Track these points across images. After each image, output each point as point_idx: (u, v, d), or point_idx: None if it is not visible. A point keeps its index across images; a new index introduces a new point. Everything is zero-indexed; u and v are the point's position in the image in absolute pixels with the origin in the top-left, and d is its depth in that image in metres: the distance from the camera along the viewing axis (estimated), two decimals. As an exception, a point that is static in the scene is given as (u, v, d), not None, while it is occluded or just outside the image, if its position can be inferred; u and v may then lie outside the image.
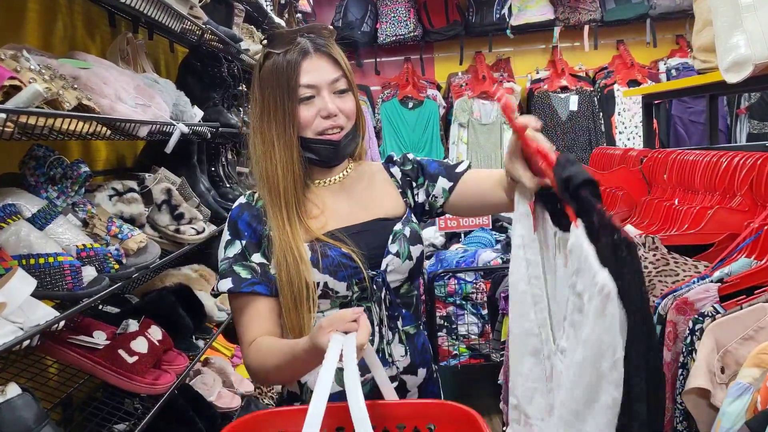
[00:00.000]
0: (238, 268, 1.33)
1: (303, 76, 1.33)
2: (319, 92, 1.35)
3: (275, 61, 1.35)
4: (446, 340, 3.80)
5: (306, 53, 1.34)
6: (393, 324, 1.40)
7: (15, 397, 1.15)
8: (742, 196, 1.46)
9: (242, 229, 1.36)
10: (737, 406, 0.99)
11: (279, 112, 1.34)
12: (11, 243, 1.21)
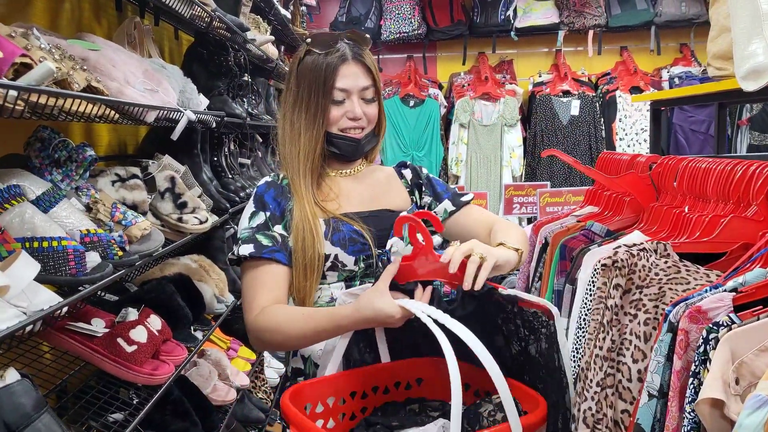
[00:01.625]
0: (260, 236, 1.46)
1: (339, 80, 1.49)
2: (349, 96, 1.51)
3: (315, 60, 1.50)
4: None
5: (344, 59, 1.50)
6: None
7: (14, 383, 1.12)
8: (757, 206, 1.44)
9: (268, 201, 1.50)
10: (755, 419, 0.97)
11: (311, 107, 1.49)
12: (15, 225, 1.18)
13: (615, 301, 1.49)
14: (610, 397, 1.51)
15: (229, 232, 2.56)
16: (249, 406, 2.71)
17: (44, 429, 1.12)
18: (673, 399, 1.27)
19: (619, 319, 1.50)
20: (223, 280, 2.26)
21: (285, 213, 1.50)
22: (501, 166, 5.71)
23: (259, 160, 3.24)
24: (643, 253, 1.50)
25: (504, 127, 5.70)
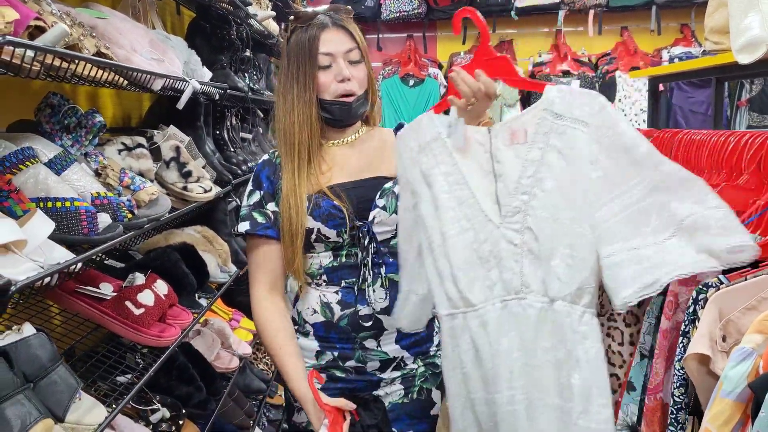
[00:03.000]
0: (256, 213, 1.59)
1: (321, 46, 1.54)
2: (335, 60, 1.55)
3: (298, 34, 1.57)
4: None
5: (324, 26, 1.56)
6: (376, 270, 1.60)
7: (30, 336, 1.17)
8: (749, 175, 1.48)
9: (262, 180, 1.62)
10: (739, 370, 1.02)
11: (300, 77, 1.55)
12: (29, 186, 1.22)
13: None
14: (601, 360, 1.56)
15: (231, 205, 2.60)
16: (250, 376, 2.77)
17: (60, 381, 1.17)
18: (659, 357, 1.33)
19: (612, 286, 1.54)
20: (226, 250, 2.30)
21: (277, 191, 1.60)
22: (500, 145, 5.73)
23: (260, 135, 3.27)
24: (637, 220, 1.54)
25: (503, 107, 5.72)
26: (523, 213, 1.30)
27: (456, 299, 1.34)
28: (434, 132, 1.35)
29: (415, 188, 1.38)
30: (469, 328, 1.34)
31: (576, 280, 1.27)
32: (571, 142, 1.27)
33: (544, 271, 1.29)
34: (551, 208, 1.28)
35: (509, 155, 1.31)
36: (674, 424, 1.25)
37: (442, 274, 1.34)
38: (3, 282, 0.90)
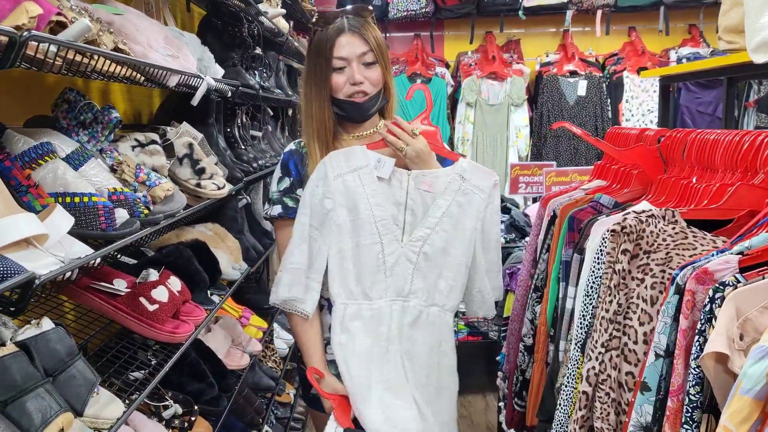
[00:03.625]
0: (287, 199, 1.77)
1: (336, 50, 1.67)
2: (349, 63, 1.67)
3: (318, 36, 1.70)
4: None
5: (341, 31, 1.67)
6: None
7: (49, 330, 1.18)
8: (765, 174, 1.48)
9: (291, 168, 1.78)
10: (758, 368, 1.02)
11: (317, 77, 1.69)
12: (48, 181, 1.22)
13: (622, 266, 1.53)
14: (614, 358, 1.56)
15: (242, 202, 2.61)
16: (259, 373, 2.78)
17: (78, 375, 1.17)
18: (679, 357, 1.32)
19: (626, 284, 1.54)
20: (237, 248, 2.31)
21: (304, 178, 1.76)
22: (507, 146, 5.73)
23: (269, 133, 3.27)
24: (651, 219, 1.54)
25: (511, 107, 5.72)
26: (423, 241, 1.72)
27: (357, 293, 1.69)
28: (365, 162, 1.69)
29: (334, 197, 1.67)
30: (361, 315, 1.69)
31: (453, 297, 1.78)
32: (469, 200, 1.75)
33: (428, 285, 1.74)
34: (445, 243, 1.73)
35: (420, 197, 1.73)
36: (689, 422, 1.25)
37: (347, 273, 1.68)
38: (28, 276, 0.90)
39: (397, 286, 1.71)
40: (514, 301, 2.54)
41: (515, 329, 2.49)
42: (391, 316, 1.70)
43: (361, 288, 1.69)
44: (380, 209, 1.69)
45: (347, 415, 1.69)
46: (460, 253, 1.76)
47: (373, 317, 1.69)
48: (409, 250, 1.71)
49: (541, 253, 2.31)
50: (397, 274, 1.70)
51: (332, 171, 1.69)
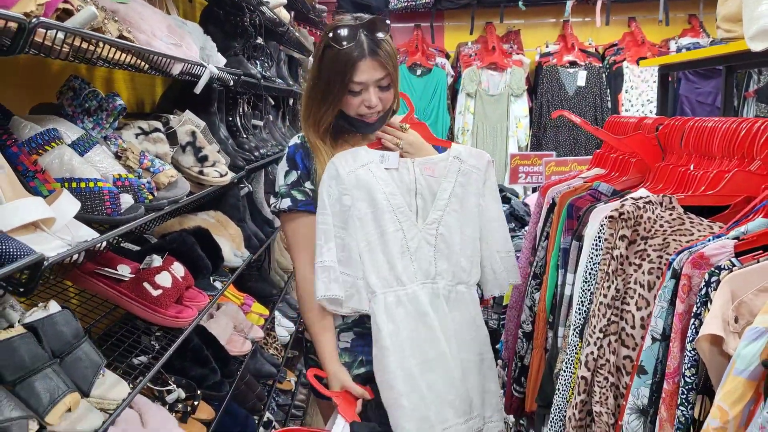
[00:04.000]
0: (295, 192, 1.77)
1: (356, 75, 1.67)
2: (366, 88, 1.69)
3: (336, 53, 1.66)
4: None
5: (362, 56, 1.66)
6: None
7: (56, 313, 1.20)
8: (761, 161, 1.49)
9: (297, 161, 1.79)
10: (752, 349, 1.04)
11: (330, 93, 1.70)
12: (54, 166, 1.24)
13: (620, 252, 1.55)
14: (613, 343, 1.58)
15: (244, 190, 2.62)
16: (261, 360, 2.80)
17: (84, 357, 1.20)
18: (675, 340, 1.34)
19: (624, 269, 1.56)
20: (239, 235, 2.33)
21: (311, 172, 1.78)
22: (507, 136, 5.75)
23: (270, 123, 3.29)
24: (649, 205, 1.56)
25: (510, 97, 5.73)
26: (437, 223, 1.79)
27: (391, 280, 1.73)
28: (371, 158, 1.76)
29: (351, 192, 1.72)
30: (401, 302, 1.73)
31: (474, 273, 1.86)
32: (469, 180, 1.84)
33: (452, 265, 1.80)
34: (457, 223, 1.81)
35: (426, 181, 1.80)
36: (684, 403, 1.27)
37: (379, 262, 1.73)
38: (37, 257, 0.92)
39: (423, 269, 1.77)
40: (512, 289, 2.56)
41: (514, 316, 2.51)
42: (427, 298, 1.76)
43: (394, 275, 1.74)
44: (395, 197, 1.75)
45: (352, 409, 1.72)
46: (471, 230, 1.84)
47: (411, 302, 1.74)
48: (427, 233, 1.78)
49: (540, 241, 2.33)
50: (421, 258, 1.76)
51: (343, 168, 1.73)
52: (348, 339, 1.80)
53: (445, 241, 1.80)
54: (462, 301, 1.84)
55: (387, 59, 1.70)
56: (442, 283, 1.80)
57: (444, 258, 1.80)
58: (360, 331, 1.80)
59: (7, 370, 1.04)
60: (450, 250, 1.81)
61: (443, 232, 1.80)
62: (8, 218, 0.99)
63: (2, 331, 1.10)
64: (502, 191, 4.74)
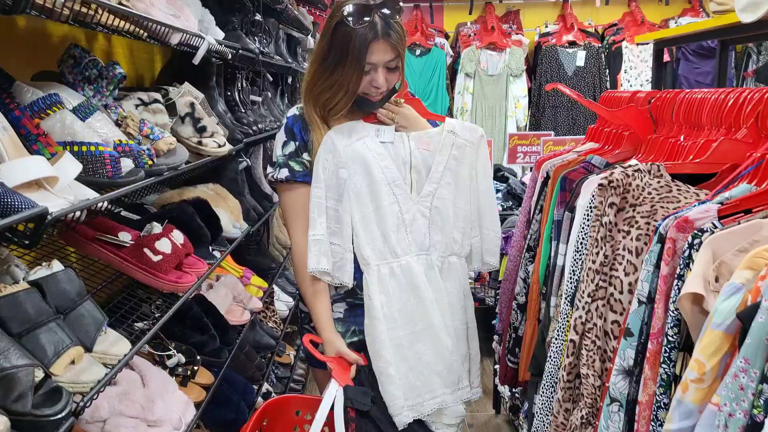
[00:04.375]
0: (293, 162, 1.80)
1: (368, 56, 1.68)
2: (375, 69, 1.71)
3: (349, 31, 1.67)
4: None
5: (375, 37, 1.66)
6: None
7: (59, 271, 1.24)
8: (747, 129, 1.52)
9: (296, 133, 1.81)
10: (729, 304, 1.08)
11: (338, 71, 1.71)
12: (56, 130, 1.27)
13: (609, 219, 1.59)
14: (601, 308, 1.62)
15: (242, 165, 2.66)
16: (260, 333, 2.85)
17: (87, 314, 1.24)
18: (659, 302, 1.38)
19: (612, 236, 1.60)
20: (237, 207, 2.36)
21: (308, 144, 1.80)
22: (506, 116, 5.76)
23: (269, 99, 3.31)
24: (637, 173, 1.60)
25: (509, 78, 5.74)
26: (431, 196, 1.83)
27: (385, 252, 1.78)
28: (367, 132, 1.80)
29: (348, 166, 1.75)
30: (395, 273, 1.78)
31: (466, 244, 1.91)
32: (463, 153, 1.88)
33: (446, 237, 1.85)
34: (451, 195, 1.85)
35: (421, 155, 1.84)
36: (667, 361, 1.31)
37: (373, 235, 1.77)
38: (40, 209, 0.96)
39: (417, 241, 1.81)
40: (507, 262, 2.60)
41: (508, 289, 2.56)
42: (420, 270, 1.80)
43: (388, 247, 1.78)
44: (390, 171, 1.78)
45: (346, 373, 1.77)
46: (464, 202, 1.89)
47: (404, 273, 1.79)
48: (422, 206, 1.82)
49: (534, 214, 2.37)
50: (416, 230, 1.81)
51: (340, 142, 1.77)
52: (341, 309, 1.84)
53: (439, 214, 1.85)
54: (454, 272, 1.90)
55: (398, 41, 1.71)
56: (435, 254, 1.85)
57: (438, 230, 1.85)
58: (352, 302, 1.84)
59: (13, 323, 1.08)
60: (444, 222, 1.85)
61: (438, 204, 1.84)
62: (12, 176, 1.02)
63: (8, 286, 1.14)
64: (500, 170, 4.77)
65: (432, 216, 1.84)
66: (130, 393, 1.54)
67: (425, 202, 1.83)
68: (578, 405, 1.71)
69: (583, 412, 1.67)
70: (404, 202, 1.80)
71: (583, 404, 1.67)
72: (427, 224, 1.83)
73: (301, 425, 1.93)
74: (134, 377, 1.63)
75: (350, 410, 1.71)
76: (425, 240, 1.83)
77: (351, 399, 1.72)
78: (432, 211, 1.84)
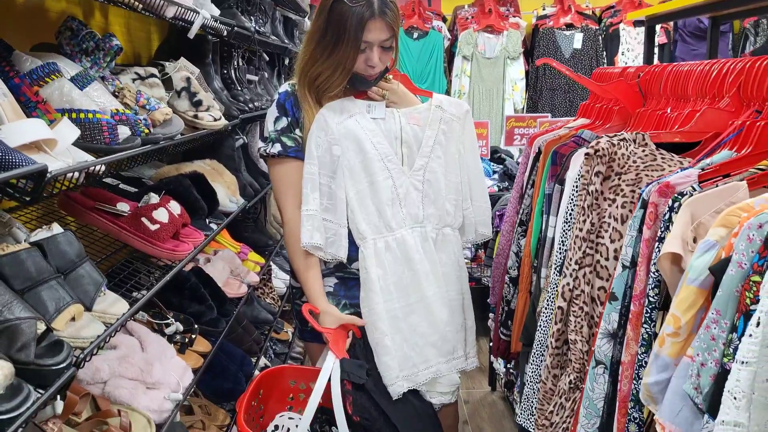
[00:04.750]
0: (285, 138, 1.82)
1: (364, 35, 1.71)
2: (371, 47, 1.74)
3: (345, 10, 1.69)
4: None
5: (372, 15, 1.69)
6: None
7: (59, 233, 1.28)
8: (730, 98, 1.56)
9: (288, 109, 1.84)
10: (704, 260, 1.12)
11: (335, 50, 1.73)
12: (55, 97, 1.31)
13: (595, 187, 1.63)
14: (588, 275, 1.67)
15: (239, 142, 2.69)
16: (258, 308, 2.90)
17: (86, 275, 1.28)
18: (642, 265, 1.43)
19: (599, 204, 1.64)
20: (234, 183, 2.40)
21: (300, 120, 1.83)
22: (503, 98, 5.78)
23: (265, 79, 3.34)
24: (623, 143, 1.63)
25: (507, 60, 5.75)
26: (423, 170, 1.87)
27: (381, 227, 1.82)
28: (358, 109, 1.83)
29: (341, 143, 1.78)
30: (390, 247, 1.82)
31: (458, 216, 1.97)
32: (450, 128, 1.94)
33: (439, 209, 1.90)
34: (442, 169, 1.90)
35: (411, 130, 1.88)
36: (648, 322, 1.36)
37: (368, 210, 1.81)
38: (40, 166, 1.00)
39: (412, 214, 1.86)
40: (500, 238, 2.64)
41: (501, 263, 2.60)
42: (415, 242, 1.85)
43: (383, 221, 1.82)
44: (383, 146, 1.82)
45: (342, 345, 1.81)
46: (454, 175, 1.94)
47: (399, 247, 1.83)
48: (414, 179, 1.87)
49: (527, 189, 2.40)
50: (410, 204, 1.85)
51: (332, 119, 1.80)
52: (331, 284, 1.89)
53: (431, 187, 1.89)
54: (448, 243, 1.95)
55: (394, 21, 1.74)
56: (429, 227, 1.90)
57: (431, 203, 1.89)
58: (342, 275, 1.89)
59: (15, 280, 1.12)
60: (436, 195, 1.90)
61: (429, 178, 1.89)
62: (12, 137, 1.06)
63: (10, 245, 1.18)
64: (497, 152, 4.80)
65: (425, 189, 1.88)
66: (130, 356, 1.58)
67: (417, 176, 1.87)
68: (566, 371, 1.76)
69: (571, 377, 1.72)
70: (397, 176, 1.84)
71: (571, 369, 1.72)
72: (420, 197, 1.87)
73: (296, 394, 1.98)
74: (133, 342, 1.68)
75: (346, 383, 1.76)
76: (419, 213, 1.87)
77: (347, 372, 1.76)
78: (424, 184, 1.88)
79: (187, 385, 1.71)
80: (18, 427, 0.92)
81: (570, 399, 1.71)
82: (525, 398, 2.01)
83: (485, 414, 3.40)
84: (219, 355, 2.23)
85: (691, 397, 1.06)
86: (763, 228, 0.99)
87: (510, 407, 3.36)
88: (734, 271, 1.02)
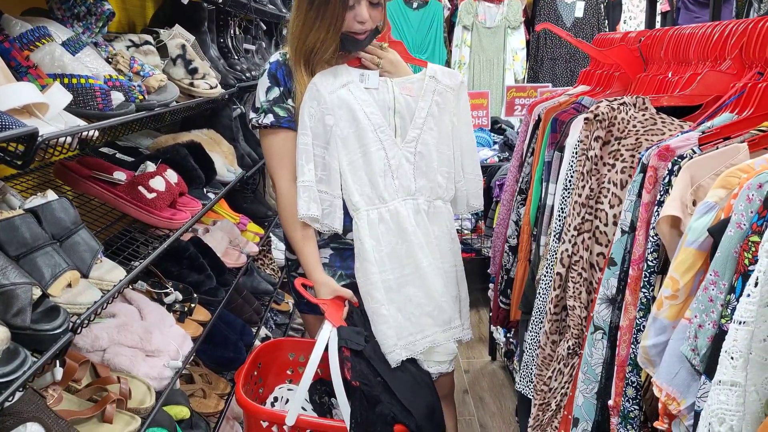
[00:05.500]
0: (277, 108, 1.80)
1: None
2: (359, 2, 1.72)
3: None
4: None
5: None
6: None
7: (54, 200, 1.27)
8: (732, 60, 1.53)
9: (280, 78, 1.82)
10: (703, 222, 1.11)
11: (322, 8, 1.71)
12: (46, 62, 1.29)
13: (595, 152, 1.61)
14: (586, 240, 1.66)
15: (236, 111, 2.67)
16: (258, 279, 2.90)
17: (82, 242, 1.28)
18: (641, 229, 1.42)
19: (598, 169, 1.62)
20: (231, 152, 2.39)
21: (292, 90, 1.81)
22: (504, 68, 5.72)
23: (263, 49, 3.30)
24: (623, 107, 1.61)
25: (507, 30, 5.68)
26: (416, 141, 1.86)
27: (373, 198, 1.81)
28: (351, 77, 1.81)
29: (334, 113, 1.77)
30: (384, 218, 1.82)
31: (450, 188, 1.96)
32: (444, 99, 1.91)
33: (430, 181, 1.89)
34: (435, 141, 1.89)
35: (404, 100, 1.86)
36: (647, 286, 1.35)
37: (361, 180, 1.80)
38: (31, 128, 0.98)
39: (404, 186, 1.85)
40: (500, 207, 2.63)
41: (501, 233, 2.59)
42: (408, 214, 1.85)
43: (376, 193, 1.82)
44: (376, 116, 1.81)
45: (339, 314, 1.82)
46: (447, 147, 1.92)
47: (392, 218, 1.83)
48: (407, 151, 1.86)
49: (526, 157, 2.39)
50: (402, 175, 1.84)
51: (325, 89, 1.78)
52: (326, 255, 1.88)
53: (423, 159, 1.88)
54: (440, 215, 1.95)
55: None
56: (422, 199, 1.89)
57: (423, 175, 1.89)
58: (336, 246, 1.88)
59: (10, 246, 1.12)
60: (428, 167, 1.89)
61: (421, 150, 1.88)
62: (2, 101, 1.04)
63: (4, 212, 1.17)
64: (497, 123, 4.77)
65: (416, 161, 1.87)
66: (129, 324, 1.59)
67: (410, 147, 1.86)
68: (565, 337, 1.76)
69: (569, 343, 1.72)
70: (390, 147, 1.83)
71: (569, 335, 1.72)
72: (412, 169, 1.87)
73: (295, 367, 2.00)
74: (132, 311, 1.68)
75: (344, 350, 1.76)
76: (411, 185, 1.87)
77: (345, 339, 1.77)
78: (416, 156, 1.87)
79: (186, 353, 1.71)
80: (15, 390, 0.93)
81: (568, 365, 1.71)
82: (524, 365, 2.02)
83: (485, 383, 3.43)
84: (219, 325, 2.24)
85: (689, 358, 1.06)
86: (762, 188, 0.98)
87: (510, 376, 3.39)
88: (733, 231, 1.01)
